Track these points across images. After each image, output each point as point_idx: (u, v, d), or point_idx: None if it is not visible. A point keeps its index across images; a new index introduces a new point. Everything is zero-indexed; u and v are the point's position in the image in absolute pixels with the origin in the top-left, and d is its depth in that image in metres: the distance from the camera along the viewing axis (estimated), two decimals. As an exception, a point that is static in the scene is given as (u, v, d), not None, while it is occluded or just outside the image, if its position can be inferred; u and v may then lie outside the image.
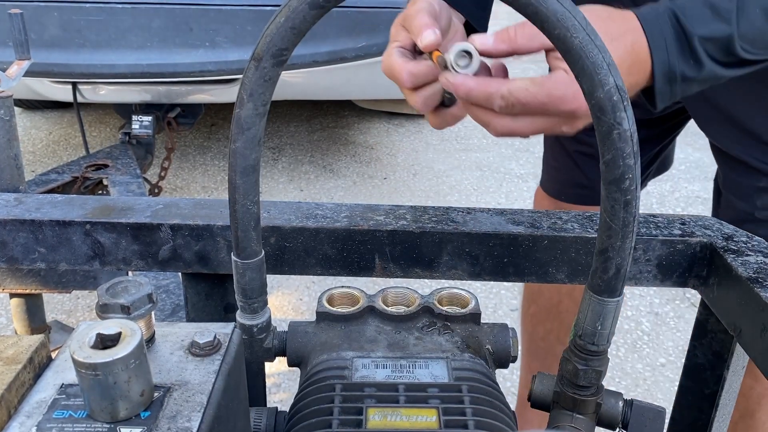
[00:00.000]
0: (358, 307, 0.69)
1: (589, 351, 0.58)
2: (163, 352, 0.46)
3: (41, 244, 0.76)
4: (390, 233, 0.74)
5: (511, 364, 0.69)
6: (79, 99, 2.72)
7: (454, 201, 3.24)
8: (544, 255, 0.75)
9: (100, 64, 2.44)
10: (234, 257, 0.59)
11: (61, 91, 2.73)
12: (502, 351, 0.68)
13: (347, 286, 0.71)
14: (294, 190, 3.34)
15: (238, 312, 0.63)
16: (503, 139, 2.86)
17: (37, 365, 0.44)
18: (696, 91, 0.72)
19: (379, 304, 0.69)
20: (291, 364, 0.68)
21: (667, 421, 0.75)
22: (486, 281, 0.77)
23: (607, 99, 0.47)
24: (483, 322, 0.69)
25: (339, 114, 4.43)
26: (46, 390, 0.42)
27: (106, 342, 0.40)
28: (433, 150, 3.86)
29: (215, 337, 0.47)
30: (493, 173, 3.56)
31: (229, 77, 2.59)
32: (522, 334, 1.48)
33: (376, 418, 0.56)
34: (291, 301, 2.39)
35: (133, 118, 2.66)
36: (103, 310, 0.46)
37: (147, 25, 2.41)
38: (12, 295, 1.10)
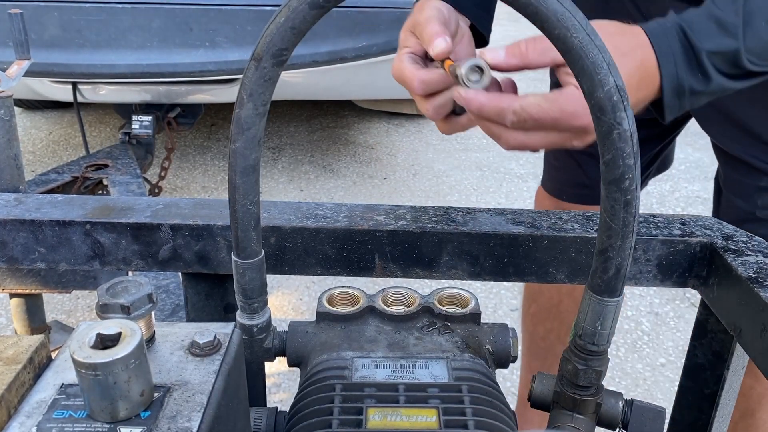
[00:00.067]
0: (358, 307, 0.69)
1: (589, 351, 0.58)
2: (163, 352, 0.46)
3: (41, 244, 0.76)
4: (390, 233, 0.74)
5: (511, 364, 0.69)
6: (79, 99, 2.72)
7: (454, 201, 3.23)
8: (544, 255, 0.75)
9: (100, 64, 2.44)
10: (234, 257, 0.59)
11: (61, 91, 2.73)
12: (502, 351, 0.68)
13: (347, 286, 0.71)
14: (294, 190, 3.34)
15: (238, 312, 0.63)
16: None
17: (37, 365, 0.44)
18: (704, 103, 0.72)
19: (379, 304, 0.69)
20: (291, 364, 0.68)
21: (667, 421, 0.75)
22: (486, 281, 0.77)
23: (607, 99, 0.47)
24: (483, 322, 0.69)
25: (339, 114, 4.43)
26: (46, 390, 0.42)
27: (106, 342, 0.40)
28: (433, 150, 3.86)
29: (215, 337, 0.47)
30: (493, 173, 3.56)
31: (229, 77, 2.59)
32: (522, 334, 1.48)
33: (376, 418, 0.56)
34: (291, 301, 2.39)
35: (133, 118, 2.66)
36: (103, 310, 0.46)
37: (147, 25, 2.41)
38: (12, 295, 1.10)
